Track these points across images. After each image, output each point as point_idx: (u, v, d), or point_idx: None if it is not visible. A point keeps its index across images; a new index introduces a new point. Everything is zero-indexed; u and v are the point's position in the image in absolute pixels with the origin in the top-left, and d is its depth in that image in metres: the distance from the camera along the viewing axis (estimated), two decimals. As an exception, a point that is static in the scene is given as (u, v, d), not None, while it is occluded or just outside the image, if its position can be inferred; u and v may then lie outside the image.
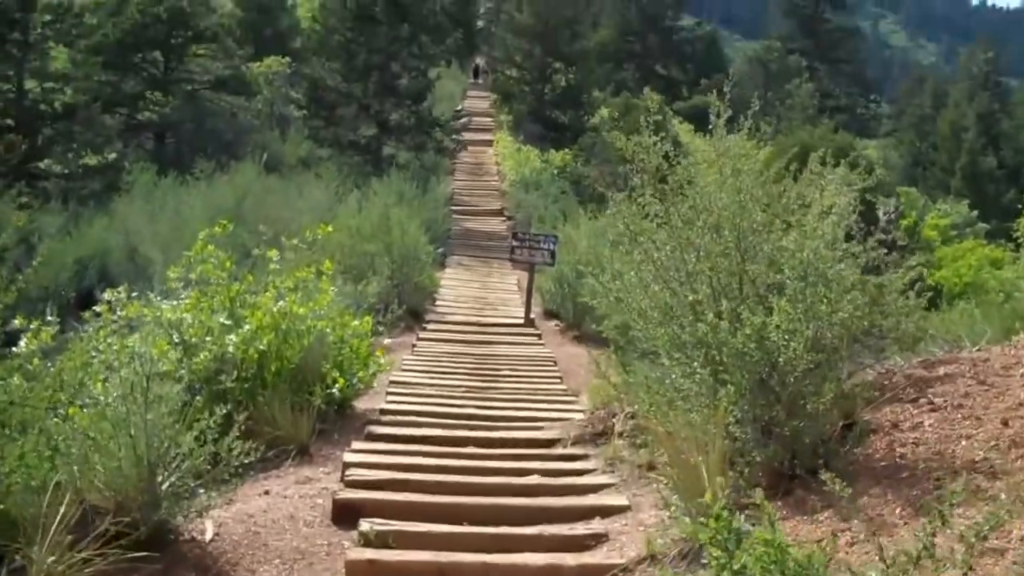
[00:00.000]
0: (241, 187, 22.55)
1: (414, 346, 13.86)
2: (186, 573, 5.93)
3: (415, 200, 23.47)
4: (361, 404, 9.89)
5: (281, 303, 9.41)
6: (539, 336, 14.98)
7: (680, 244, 7.33)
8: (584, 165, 31.65)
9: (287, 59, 39.77)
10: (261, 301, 9.39)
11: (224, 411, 6.71)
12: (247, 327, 9.03)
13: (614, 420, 8.54)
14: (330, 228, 11.35)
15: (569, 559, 5.81)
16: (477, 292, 18.88)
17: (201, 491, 6.41)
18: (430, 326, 15.57)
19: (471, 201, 29.38)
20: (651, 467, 7.31)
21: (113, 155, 29.84)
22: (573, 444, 8.49)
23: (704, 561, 5.37)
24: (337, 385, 9.09)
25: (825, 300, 6.37)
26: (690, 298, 6.97)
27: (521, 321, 15.93)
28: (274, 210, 20.52)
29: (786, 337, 6.19)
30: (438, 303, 17.62)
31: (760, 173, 7.54)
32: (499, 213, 27.94)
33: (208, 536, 6.29)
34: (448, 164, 34.34)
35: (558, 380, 11.78)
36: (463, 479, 7.29)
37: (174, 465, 6.40)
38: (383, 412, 9.56)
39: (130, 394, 6.46)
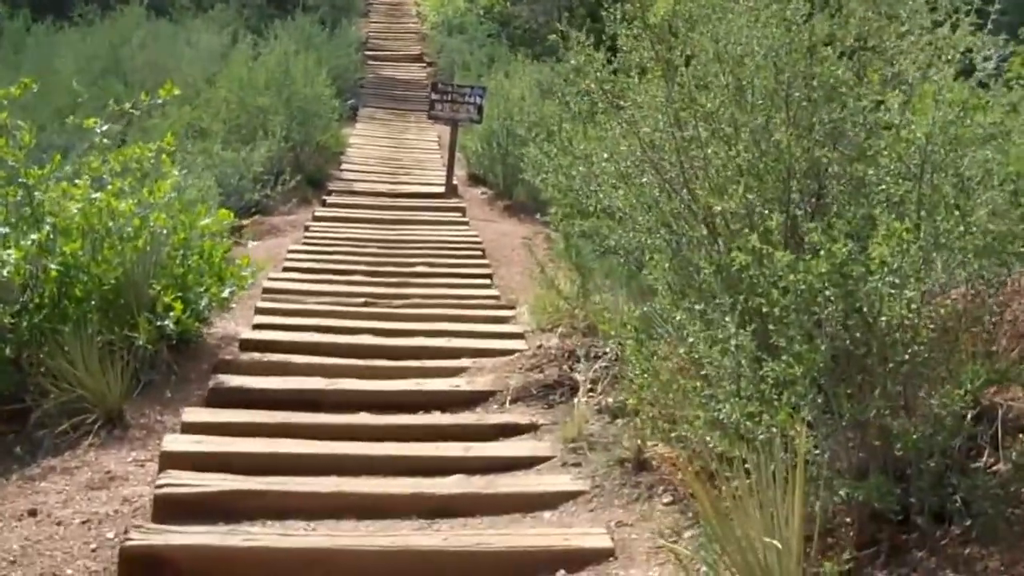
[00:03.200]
0: (120, 34, 19.11)
1: (307, 228, 11.00)
2: None
3: (324, 45, 20.19)
4: (218, 328, 7.10)
5: (96, 196, 6.52)
6: (463, 211, 12.12)
7: (693, 115, 4.57)
8: (514, 4, 28.21)
9: None
10: (69, 192, 6.48)
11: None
12: (40, 232, 6.18)
13: (572, 364, 5.86)
14: (176, 89, 8.10)
15: None
16: (391, 153, 15.87)
17: None
18: (331, 199, 12.64)
19: (388, 46, 26.01)
20: (641, 463, 4.69)
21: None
22: (513, 401, 5.78)
23: None
24: (172, 315, 6.24)
25: (955, 212, 3.66)
26: (718, 206, 4.22)
27: (441, 190, 13.07)
28: (157, 58, 17.42)
29: (893, 282, 3.53)
30: (344, 167, 14.64)
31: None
32: (419, 59, 24.71)
33: None
34: (362, 5, 30.67)
35: (487, 281, 8.99)
36: (345, 487, 4.59)
37: None
38: (244, 345, 6.74)
39: None
